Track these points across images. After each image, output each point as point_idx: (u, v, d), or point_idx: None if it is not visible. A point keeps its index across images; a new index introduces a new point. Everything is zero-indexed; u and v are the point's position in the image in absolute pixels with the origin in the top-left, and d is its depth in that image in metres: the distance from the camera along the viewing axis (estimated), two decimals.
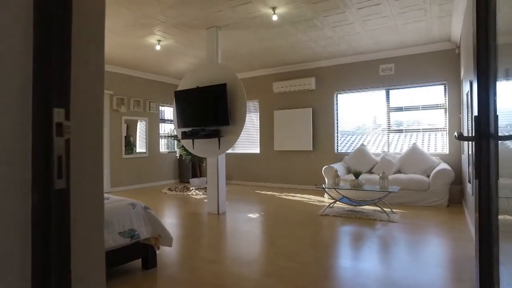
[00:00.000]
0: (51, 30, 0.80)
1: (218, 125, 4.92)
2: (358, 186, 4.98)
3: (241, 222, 4.69)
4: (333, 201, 5.42)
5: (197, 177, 8.50)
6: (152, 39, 5.72)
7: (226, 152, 5.20)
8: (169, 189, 7.75)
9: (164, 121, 9.16)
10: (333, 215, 4.89)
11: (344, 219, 4.69)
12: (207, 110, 5.02)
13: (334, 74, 7.43)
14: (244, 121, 4.78)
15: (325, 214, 4.95)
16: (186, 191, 7.40)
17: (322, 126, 7.60)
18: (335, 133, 7.50)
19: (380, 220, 4.56)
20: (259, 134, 8.57)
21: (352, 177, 5.89)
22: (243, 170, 8.76)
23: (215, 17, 4.83)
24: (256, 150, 8.65)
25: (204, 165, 8.67)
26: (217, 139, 4.93)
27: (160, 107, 8.91)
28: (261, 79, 8.42)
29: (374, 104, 7.13)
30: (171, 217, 5.19)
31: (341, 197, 5.51)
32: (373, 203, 5.06)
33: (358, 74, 7.15)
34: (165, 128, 9.25)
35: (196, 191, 7.35)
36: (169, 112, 9.21)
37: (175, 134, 7.87)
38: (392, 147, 6.98)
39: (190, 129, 5.23)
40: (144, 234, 2.63)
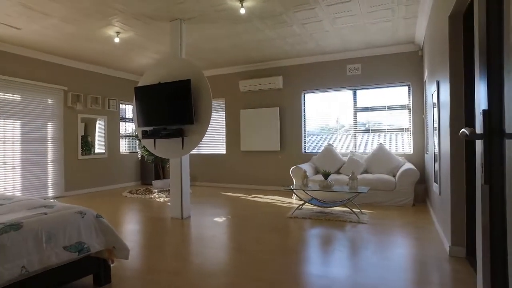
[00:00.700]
0: None
1: (181, 123, 4.61)
2: (327, 187, 4.87)
3: (207, 227, 4.42)
4: (302, 202, 5.28)
5: (160, 179, 8.08)
6: (110, 31, 5.29)
7: (191, 152, 4.90)
8: (130, 192, 7.29)
9: (125, 119, 8.65)
10: (302, 217, 4.75)
11: (313, 221, 4.56)
12: (170, 107, 4.70)
13: (301, 73, 7.34)
14: (209, 119, 4.51)
15: (294, 217, 4.80)
16: (148, 194, 6.99)
17: (290, 126, 7.49)
18: (303, 133, 7.42)
19: (350, 221, 4.48)
20: (225, 134, 8.32)
21: (320, 177, 5.80)
22: (208, 171, 8.46)
23: (179, 8, 4.52)
24: (222, 150, 8.38)
25: (167, 166, 8.26)
26: (180, 139, 4.63)
27: (120, 105, 8.40)
28: (227, 77, 8.16)
29: (341, 104, 7.12)
30: (131, 223, 4.81)
31: (310, 198, 5.39)
32: (342, 204, 4.98)
33: (326, 74, 7.11)
34: (126, 127, 8.74)
35: (159, 194, 6.97)
36: (130, 110, 8.71)
37: (136, 133, 7.42)
38: (359, 147, 7.01)
39: (151, 128, 4.88)
40: (95, 246, 2.29)
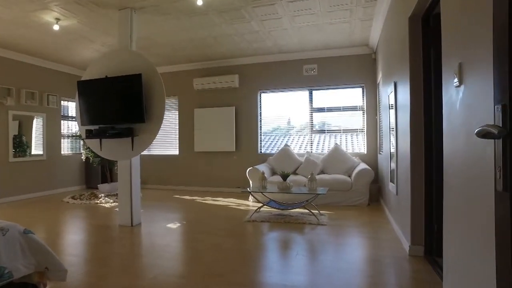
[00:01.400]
0: None
1: (131, 122, 4.22)
2: (286, 189, 4.75)
3: (159, 235, 4.07)
4: (260, 205, 5.11)
5: (107, 182, 7.48)
6: (47, 16, 4.68)
7: (141, 153, 4.51)
8: (72, 197, 6.62)
9: (67, 118, 7.90)
10: (261, 221, 4.58)
11: (272, 224, 4.41)
12: (118, 104, 4.28)
13: (258, 72, 7.20)
14: (162, 118, 4.17)
15: (252, 220, 4.61)
16: (93, 199, 6.41)
17: (245, 126, 7.31)
18: (259, 133, 7.28)
19: (309, 223, 4.39)
20: (178, 134, 7.92)
21: (278, 178, 5.68)
22: (160, 174, 8.00)
23: None
24: (174, 151, 7.97)
25: (115, 168, 7.67)
26: (130, 139, 4.23)
27: (62, 102, 7.65)
28: (180, 75, 7.77)
29: (298, 104, 7.09)
30: (72, 233, 4.31)
31: (268, 200, 5.24)
32: (301, 206, 4.89)
33: (282, 73, 7.03)
34: (69, 126, 7.99)
35: (105, 199, 6.41)
36: (73, 107, 7.96)
37: (80, 133, 6.78)
38: (315, 148, 7.02)
39: (96, 127, 4.42)
40: (20, 270, 1.89)
